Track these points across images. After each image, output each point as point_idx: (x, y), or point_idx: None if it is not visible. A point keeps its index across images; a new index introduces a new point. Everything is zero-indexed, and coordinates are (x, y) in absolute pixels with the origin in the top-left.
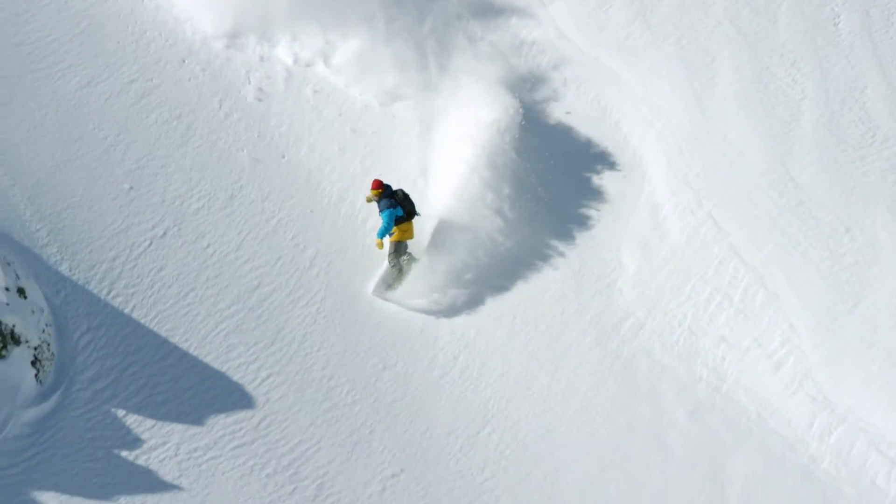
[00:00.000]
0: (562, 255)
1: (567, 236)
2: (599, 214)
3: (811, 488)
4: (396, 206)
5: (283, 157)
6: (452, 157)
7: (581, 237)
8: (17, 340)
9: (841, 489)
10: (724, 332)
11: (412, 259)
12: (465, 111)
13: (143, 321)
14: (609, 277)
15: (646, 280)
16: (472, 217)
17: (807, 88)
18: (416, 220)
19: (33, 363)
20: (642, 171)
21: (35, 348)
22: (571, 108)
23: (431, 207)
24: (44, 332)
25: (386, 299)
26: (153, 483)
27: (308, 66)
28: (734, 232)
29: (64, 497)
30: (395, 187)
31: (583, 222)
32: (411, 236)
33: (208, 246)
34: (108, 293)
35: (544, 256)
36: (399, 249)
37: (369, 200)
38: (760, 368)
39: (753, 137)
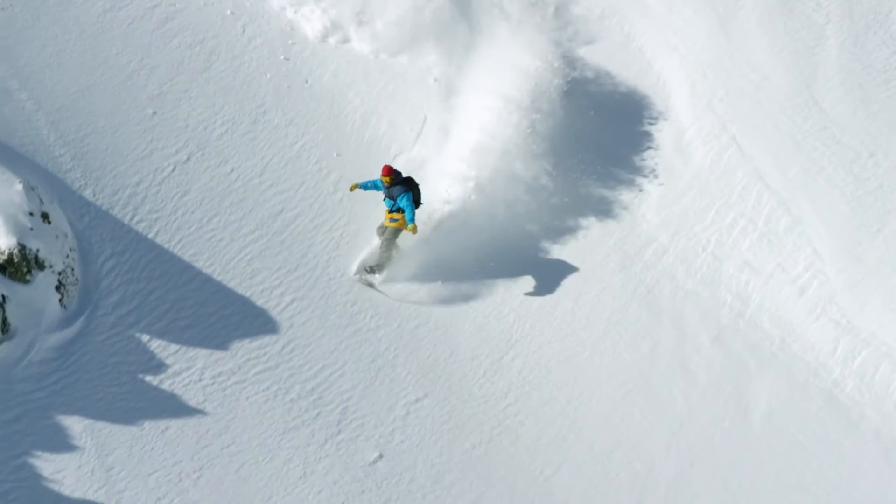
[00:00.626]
0: (584, 180)
1: (589, 162)
2: (622, 140)
3: (834, 412)
4: (410, 193)
5: (307, 82)
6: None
7: (603, 163)
8: (41, 265)
9: (864, 413)
10: (748, 256)
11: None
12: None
13: (167, 246)
14: (632, 203)
15: (669, 205)
16: (505, 147)
17: (831, 12)
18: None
19: (57, 288)
20: (666, 97)
21: (59, 273)
22: (595, 35)
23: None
24: (68, 256)
25: (369, 284)
26: (178, 408)
27: None
28: (758, 157)
29: (89, 421)
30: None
31: (605, 148)
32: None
33: (232, 171)
34: (132, 218)
35: (567, 182)
36: (397, 237)
37: (353, 189)
38: (784, 293)
39: (777, 62)
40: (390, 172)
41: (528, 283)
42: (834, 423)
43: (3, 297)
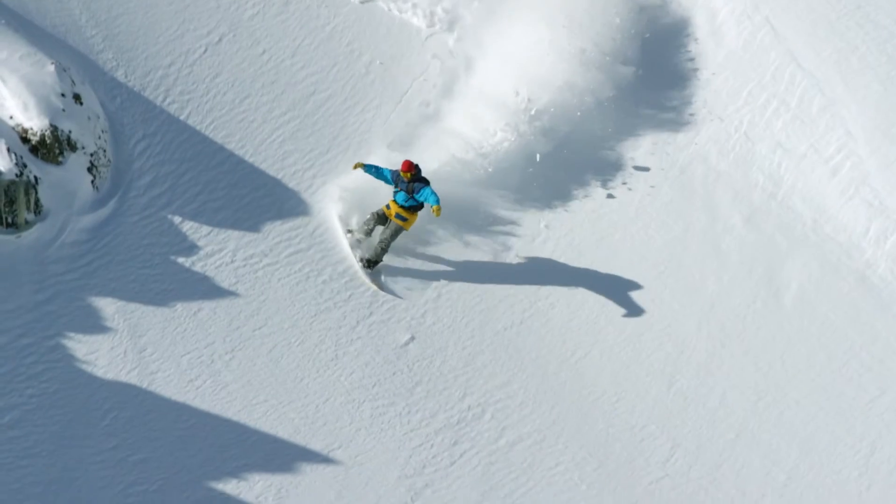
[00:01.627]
0: (616, 57)
1: (621, 42)
2: (653, 19)
3: (866, 293)
4: (429, 185)
5: None
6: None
7: (635, 43)
8: (73, 146)
9: None
10: (781, 137)
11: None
12: None
13: (198, 128)
14: (664, 83)
15: (702, 86)
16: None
17: None
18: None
19: (89, 169)
20: None
21: (91, 154)
22: None
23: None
24: (100, 138)
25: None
26: (209, 289)
27: None
28: (791, 37)
29: (121, 303)
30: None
31: (637, 26)
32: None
33: (263, 52)
34: (164, 100)
35: (600, 58)
36: (398, 237)
37: (357, 167)
38: (816, 174)
39: None
40: (411, 168)
41: (557, 164)
42: (866, 303)
43: (36, 178)
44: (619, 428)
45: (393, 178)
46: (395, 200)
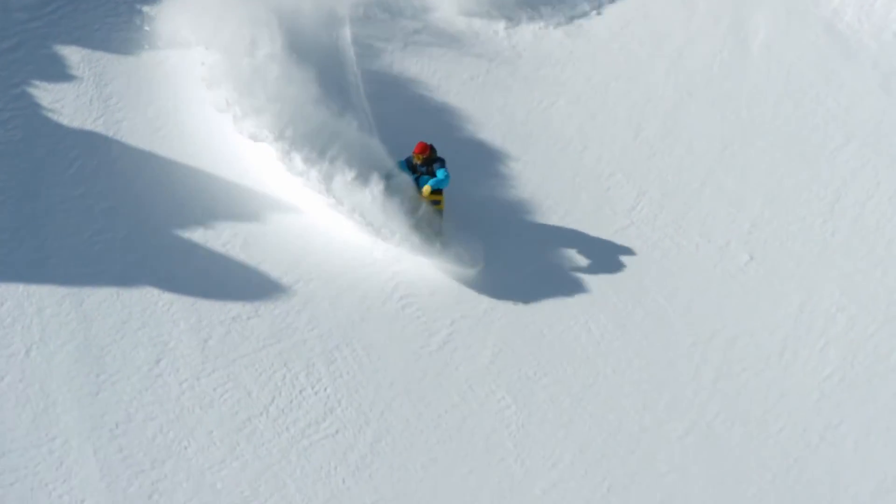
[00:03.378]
0: None
1: None
2: None
3: (833, 41)
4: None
5: None
6: None
7: None
8: None
9: (863, 42)
10: None
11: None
12: None
13: None
14: None
15: None
16: None
17: None
18: None
19: None
20: None
21: None
22: None
23: None
24: None
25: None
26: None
27: None
28: None
29: (86, 51)
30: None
31: None
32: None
33: None
34: None
35: None
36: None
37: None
38: None
39: None
40: (425, 149)
41: None
42: (832, 52)
43: None
44: (586, 177)
45: (409, 167)
46: (420, 187)
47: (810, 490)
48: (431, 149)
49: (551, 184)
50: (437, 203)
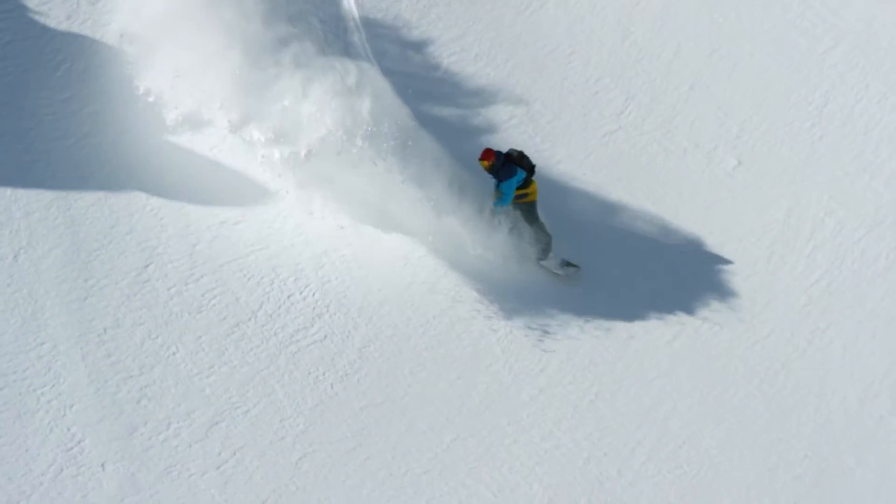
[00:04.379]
0: None
1: None
2: None
3: None
4: (517, 171)
5: None
6: None
7: None
8: None
9: None
10: None
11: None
12: None
13: None
14: None
15: None
16: None
17: None
18: None
19: None
20: None
21: None
22: None
23: None
24: None
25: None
26: None
27: None
28: None
29: None
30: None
31: None
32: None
33: None
34: None
35: None
36: (535, 211)
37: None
38: None
39: None
40: (490, 155)
41: None
42: None
43: None
44: (574, 81)
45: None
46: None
47: (797, 394)
48: (496, 155)
49: (539, 87)
50: (524, 196)
